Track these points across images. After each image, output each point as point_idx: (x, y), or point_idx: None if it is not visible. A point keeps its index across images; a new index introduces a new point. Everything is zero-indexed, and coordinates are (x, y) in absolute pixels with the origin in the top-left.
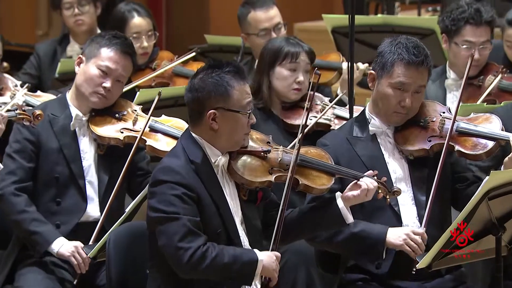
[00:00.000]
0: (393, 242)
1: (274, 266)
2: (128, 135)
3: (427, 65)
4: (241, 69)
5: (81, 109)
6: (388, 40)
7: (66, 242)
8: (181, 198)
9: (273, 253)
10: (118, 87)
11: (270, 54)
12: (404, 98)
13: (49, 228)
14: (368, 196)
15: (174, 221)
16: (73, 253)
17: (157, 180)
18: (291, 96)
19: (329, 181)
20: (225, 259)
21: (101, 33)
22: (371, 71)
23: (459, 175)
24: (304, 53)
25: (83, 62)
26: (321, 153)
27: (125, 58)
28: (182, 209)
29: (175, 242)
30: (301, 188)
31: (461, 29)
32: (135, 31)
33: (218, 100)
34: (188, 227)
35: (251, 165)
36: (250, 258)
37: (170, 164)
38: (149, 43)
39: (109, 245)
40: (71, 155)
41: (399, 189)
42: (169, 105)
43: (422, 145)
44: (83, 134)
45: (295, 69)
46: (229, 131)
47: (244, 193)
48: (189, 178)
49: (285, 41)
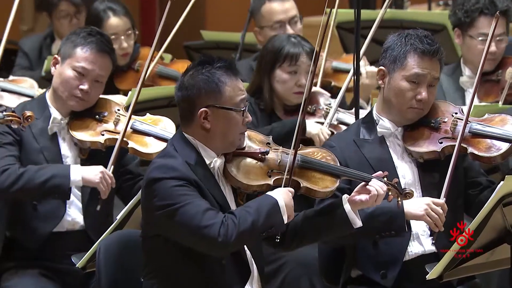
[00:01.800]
0: (413, 213)
1: (292, 202)
2: (109, 138)
3: (441, 55)
4: (233, 65)
5: (60, 111)
6: (394, 35)
7: (84, 168)
8: (185, 186)
9: (287, 188)
10: (97, 87)
11: (270, 55)
12: (420, 91)
13: (55, 166)
14: (377, 201)
15: (186, 206)
16: (101, 180)
17: (152, 179)
18: (292, 100)
19: (333, 183)
20: (249, 218)
21: (75, 31)
22: (380, 67)
23: (472, 180)
24: (304, 54)
25: (58, 62)
26: (324, 154)
27: (102, 57)
28: (189, 195)
29: (197, 223)
30: (302, 192)
31: (475, 21)
32: (112, 32)
33: (209, 98)
34: (203, 206)
35: (248, 167)
36: (270, 203)
37: (166, 162)
38: (129, 42)
39: (99, 255)
40: (52, 159)
41: (411, 191)
42: (162, 106)
43: (433, 147)
44: (63, 138)
45: (295, 72)
46: (223, 130)
47: (242, 198)
48: (189, 175)
49: (286, 41)
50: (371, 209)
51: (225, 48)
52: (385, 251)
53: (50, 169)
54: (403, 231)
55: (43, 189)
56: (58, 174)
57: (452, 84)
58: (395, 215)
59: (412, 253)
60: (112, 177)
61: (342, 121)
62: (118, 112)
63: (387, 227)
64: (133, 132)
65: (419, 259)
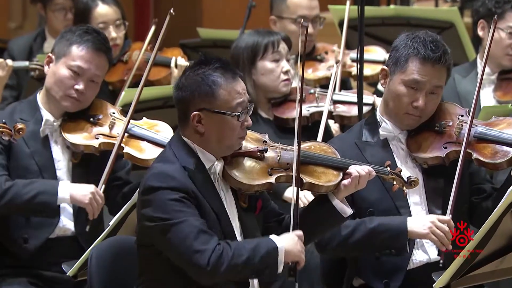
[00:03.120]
0: (417, 232)
1: (298, 247)
2: (104, 142)
3: (445, 62)
4: (231, 66)
5: (53, 113)
6: (404, 34)
7: (73, 185)
8: (181, 201)
9: (294, 233)
10: (93, 88)
11: (247, 51)
12: (417, 98)
13: (44, 182)
14: (360, 183)
15: (180, 224)
16: (91, 201)
17: (150, 187)
18: (281, 89)
19: (336, 177)
20: (244, 255)
21: (71, 28)
22: (383, 66)
23: (476, 187)
24: (282, 41)
25: (52, 61)
26: (324, 147)
27: (98, 56)
28: (184, 212)
29: (188, 245)
30: (306, 188)
31: (506, 13)
32: (101, 21)
33: (203, 101)
34: (198, 227)
35: (247, 167)
36: (269, 247)
37: (164, 169)
38: (118, 33)
39: (91, 262)
40: (44, 164)
41: (416, 179)
42: (157, 107)
43: (437, 153)
44: (56, 141)
45: (278, 59)
46: (217, 135)
47: (244, 200)
48: (186, 184)
49: (257, 34)
50: (373, 225)
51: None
52: (388, 260)
53: (38, 185)
54: (405, 251)
55: (30, 206)
56: (45, 190)
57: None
58: (398, 233)
59: (416, 261)
60: (102, 197)
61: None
62: (114, 115)
63: (388, 245)
64: (129, 137)
65: (423, 268)
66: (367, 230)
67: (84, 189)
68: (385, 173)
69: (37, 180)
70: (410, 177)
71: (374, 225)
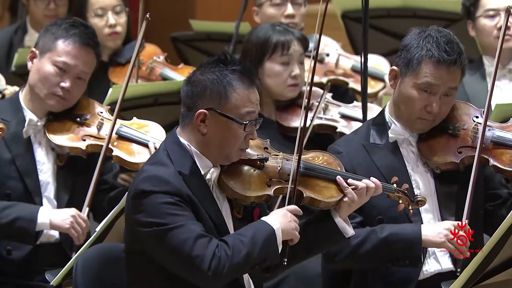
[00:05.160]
0: (432, 240)
1: (292, 225)
2: (91, 144)
3: (461, 64)
4: (251, 72)
5: (36, 113)
6: (415, 31)
7: (54, 211)
8: (177, 204)
9: (286, 208)
10: (79, 86)
11: (256, 47)
12: (431, 102)
13: (23, 207)
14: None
15: (177, 230)
16: (73, 225)
17: (142, 191)
18: (287, 94)
19: (339, 192)
20: (243, 250)
21: (56, 21)
22: (393, 67)
23: (490, 192)
24: (296, 41)
25: (36, 56)
26: (329, 159)
27: (86, 52)
28: (180, 216)
29: (187, 251)
30: (305, 202)
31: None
32: (99, 7)
33: (213, 100)
34: (196, 231)
35: (245, 176)
36: (266, 232)
37: (157, 173)
38: (118, 20)
39: (76, 271)
40: (25, 168)
41: (423, 198)
42: (147, 104)
43: (451, 157)
44: (39, 142)
45: (288, 62)
46: (220, 140)
47: (238, 210)
48: (182, 188)
49: (272, 30)
50: (385, 234)
51: (217, 39)
52: (398, 270)
53: (17, 209)
54: (419, 262)
55: (7, 230)
56: (24, 216)
57: (477, 83)
58: (412, 242)
59: (427, 272)
60: (86, 221)
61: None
62: (101, 115)
63: (401, 256)
64: (118, 138)
65: (435, 278)
66: (379, 240)
67: (64, 213)
68: (391, 191)
69: (18, 204)
70: (417, 196)
71: (385, 235)
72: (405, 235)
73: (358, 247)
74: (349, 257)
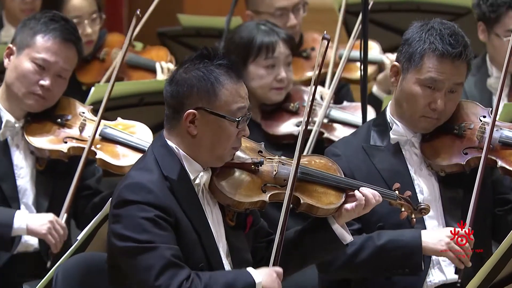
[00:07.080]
0: (433, 248)
1: (276, 285)
2: (73, 146)
3: (466, 58)
4: (238, 65)
5: (14, 113)
6: (417, 24)
7: (31, 215)
8: (155, 222)
9: (272, 269)
10: (60, 84)
11: (239, 50)
12: (435, 99)
13: None
14: (365, 209)
15: (148, 252)
16: (50, 231)
17: (123, 200)
18: (272, 97)
19: (338, 198)
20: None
21: (35, 15)
22: (394, 63)
23: (499, 197)
24: (281, 43)
25: (13, 53)
26: (327, 164)
27: (67, 48)
28: (157, 236)
29: (151, 279)
30: (303, 209)
31: (502, 17)
32: (75, 15)
33: (201, 99)
34: (167, 259)
35: (238, 181)
36: (246, 283)
37: (140, 179)
38: (94, 28)
39: (57, 282)
40: (2, 173)
41: (427, 206)
42: (131, 104)
43: (456, 159)
44: (17, 145)
45: (273, 65)
46: (211, 140)
47: (231, 218)
48: (164, 199)
49: (256, 29)
50: (382, 241)
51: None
52: (400, 281)
53: None
54: (419, 270)
55: None
56: None
57: (477, 85)
58: (411, 250)
59: (431, 283)
60: (64, 228)
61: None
62: (84, 115)
63: (401, 264)
64: (102, 140)
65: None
66: (376, 248)
67: (42, 218)
68: (393, 198)
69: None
70: (421, 204)
71: (383, 242)
72: (404, 241)
73: (354, 255)
74: (345, 267)
